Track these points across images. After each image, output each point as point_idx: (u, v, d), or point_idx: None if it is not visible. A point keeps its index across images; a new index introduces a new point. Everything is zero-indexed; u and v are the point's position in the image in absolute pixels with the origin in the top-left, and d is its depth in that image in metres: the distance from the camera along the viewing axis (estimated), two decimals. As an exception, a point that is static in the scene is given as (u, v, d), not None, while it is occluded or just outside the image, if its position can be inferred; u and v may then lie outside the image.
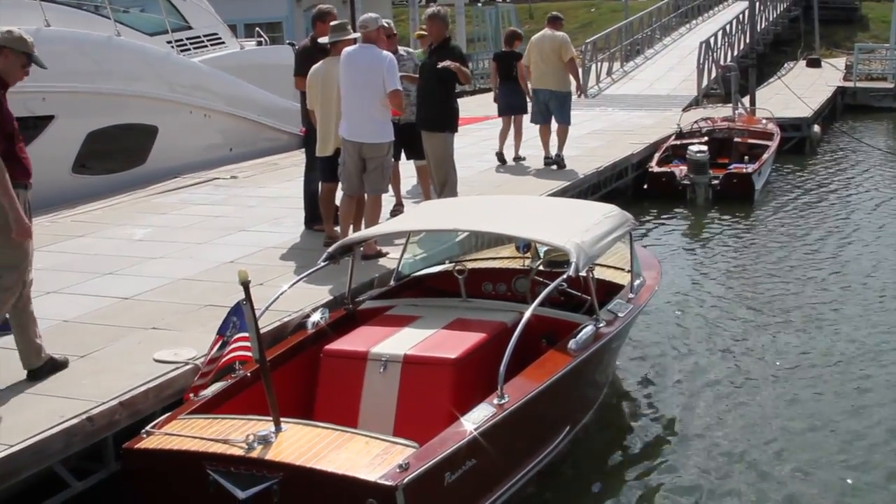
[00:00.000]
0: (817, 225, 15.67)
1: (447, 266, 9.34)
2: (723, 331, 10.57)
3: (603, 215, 8.49)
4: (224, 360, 6.12)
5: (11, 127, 6.95)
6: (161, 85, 16.28)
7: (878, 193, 18.27)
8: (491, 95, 18.71)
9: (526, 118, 17.27)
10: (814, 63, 35.91)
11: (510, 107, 17.37)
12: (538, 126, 16.97)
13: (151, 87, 16.01)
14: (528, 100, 17.21)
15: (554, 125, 16.94)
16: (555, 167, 16.34)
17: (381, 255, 10.32)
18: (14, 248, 6.90)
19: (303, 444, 5.72)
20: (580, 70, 18.20)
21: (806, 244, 14.41)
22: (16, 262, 6.97)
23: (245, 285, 5.66)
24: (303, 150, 12.53)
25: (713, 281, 12.67)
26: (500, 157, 17.04)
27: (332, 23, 10.84)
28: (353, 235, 9.31)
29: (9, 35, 7.01)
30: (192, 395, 6.53)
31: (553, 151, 16.68)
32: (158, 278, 9.68)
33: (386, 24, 11.28)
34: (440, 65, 11.40)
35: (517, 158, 17.12)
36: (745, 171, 17.27)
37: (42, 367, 7.18)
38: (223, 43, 19.80)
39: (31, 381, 7.09)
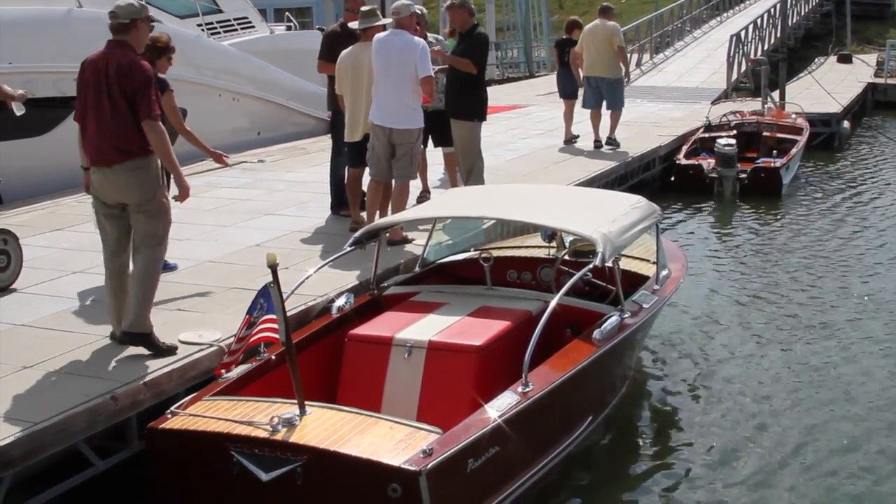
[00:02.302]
0: (845, 221, 15.56)
1: (472, 253, 9.34)
2: (747, 324, 10.53)
3: (630, 206, 8.46)
4: (251, 340, 6.12)
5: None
6: (190, 68, 16.29)
7: (907, 191, 18.16)
8: (520, 84, 18.93)
9: (578, 102, 17.98)
10: (845, 59, 35.64)
11: (564, 91, 18.24)
12: (589, 111, 17.55)
13: (181, 70, 15.96)
14: (579, 85, 17.86)
15: (606, 110, 17.59)
16: (607, 148, 17.16)
17: (406, 241, 10.31)
18: (165, 212, 7.36)
19: (327, 427, 5.72)
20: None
21: (833, 240, 14.31)
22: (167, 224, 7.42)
23: (273, 268, 5.67)
24: (330, 135, 12.53)
25: (738, 274, 12.61)
26: (571, 139, 17.88)
27: (363, 8, 10.84)
28: (379, 221, 9.31)
29: (131, 7, 7.28)
30: (223, 370, 6.54)
31: (604, 135, 17.40)
32: (184, 260, 9.70)
33: (419, 12, 11.27)
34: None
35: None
36: (773, 165, 17.16)
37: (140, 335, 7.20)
38: (253, 27, 19.83)
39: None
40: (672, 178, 17.64)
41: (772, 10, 33.73)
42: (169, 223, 7.43)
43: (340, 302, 7.87)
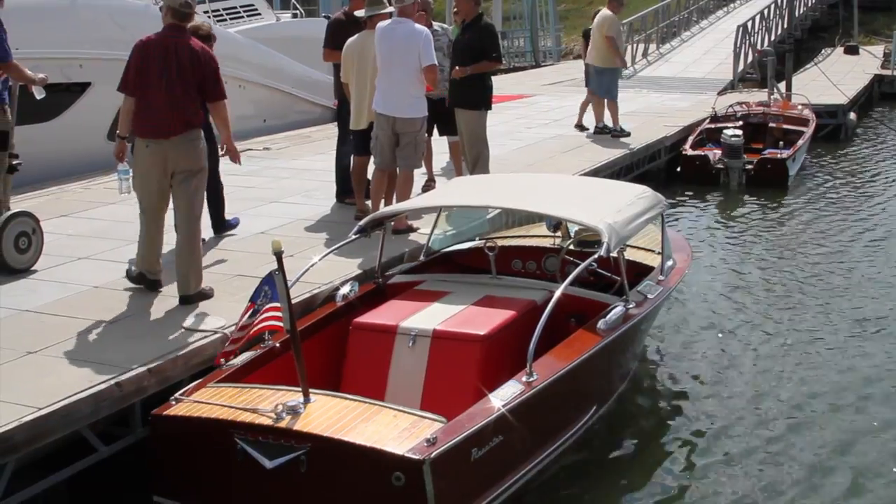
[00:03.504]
0: (851, 213, 15.53)
1: (477, 242, 9.33)
2: (752, 315, 10.51)
3: (636, 196, 8.45)
4: (255, 328, 6.13)
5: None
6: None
7: (913, 183, 18.12)
8: (526, 73, 19.02)
9: None
10: (851, 50, 35.51)
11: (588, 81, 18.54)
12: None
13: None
14: None
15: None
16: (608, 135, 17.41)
17: (411, 229, 10.31)
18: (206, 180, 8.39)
19: (331, 415, 5.73)
20: (622, 47, 18.63)
21: (839, 232, 14.28)
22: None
23: (278, 255, 5.67)
24: (335, 122, 12.52)
25: (743, 265, 12.60)
26: (581, 127, 18.20)
27: (368, -5, 10.80)
28: (384, 209, 9.30)
29: None
30: (222, 360, 6.56)
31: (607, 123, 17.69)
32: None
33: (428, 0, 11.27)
34: (453, 72, 11.42)
35: (599, 130, 17.84)
36: (779, 156, 17.14)
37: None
38: (259, 14, 19.81)
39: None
40: (678, 169, 17.62)
41: (779, 0, 33.64)
42: (205, 192, 8.45)
43: (345, 290, 7.88)
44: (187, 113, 8.02)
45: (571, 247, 8.83)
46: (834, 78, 25.55)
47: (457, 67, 11.50)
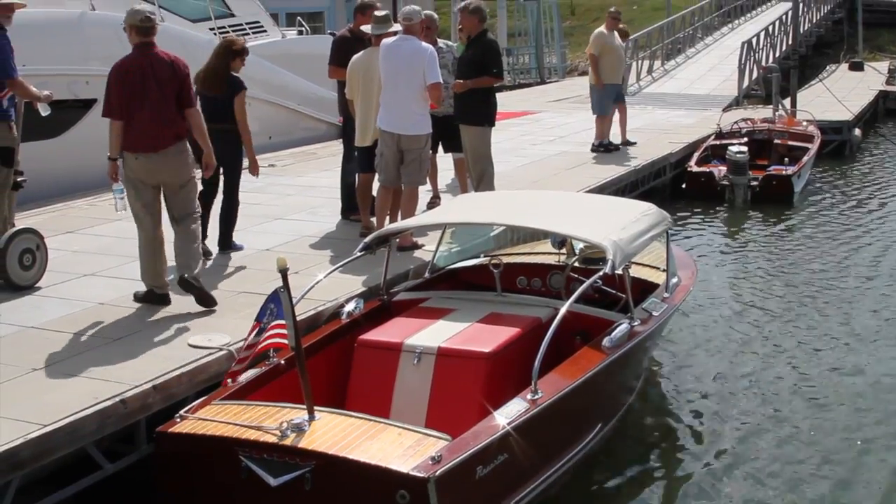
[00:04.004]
0: (856, 229, 15.52)
1: (482, 260, 9.33)
2: (757, 333, 10.50)
3: (641, 213, 8.45)
4: (260, 346, 6.13)
5: None
6: (202, 71, 16.30)
7: (919, 200, 18.10)
8: (531, 90, 19.13)
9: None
10: (856, 66, 35.50)
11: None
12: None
13: (192, 74, 16.06)
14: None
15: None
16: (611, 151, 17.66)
17: (416, 246, 10.32)
18: (196, 187, 8.79)
19: (336, 433, 5.73)
20: (621, 66, 18.67)
21: (844, 249, 14.27)
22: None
23: (283, 273, 5.68)
24: (340, 139, 12.54)
25: (749, 283, 12.58)
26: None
27: (377, 13, 10.82)
28: (389, 226, 9.31)
29: (152, 13, 8.69)
30: (229, 380, 6.55)
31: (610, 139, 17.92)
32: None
33: (434, 17, 11.28)
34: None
35: (625, 143, 18.10)
36: (785, 173, 17.14)
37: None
38: (265, 31, 19.84)
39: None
40: (683, 186, 17.61)
41: (783, 17, 33.69)
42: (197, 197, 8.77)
43: (350, 307, 7.87)
44: (174, 125, 8.36)
45: (576, 264, 8.84)
46: (839, 94, 25.54)
47: (458, 81, 11.53)
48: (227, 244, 10.35)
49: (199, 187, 9.00)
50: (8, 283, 8.82)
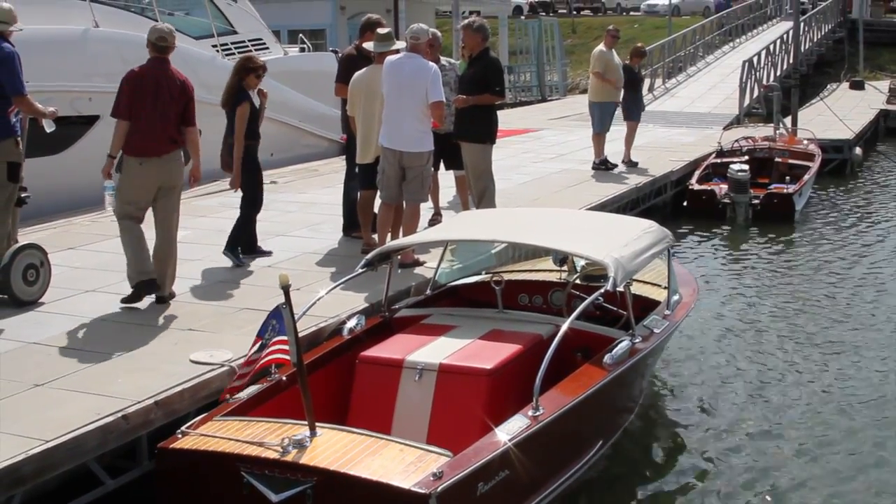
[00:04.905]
0: (857, 248, 15.54)
1: (484, 277, 9.35)
2: (758, 351, 10.50)
3: (642, 231, 8.47)
4: (262, 362, 6.14)
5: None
6: (205, 88, 16.30)
7: (919, 219, 18.12)
8: (532, 108, 19.14)
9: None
10: (857, 85, 35.61)
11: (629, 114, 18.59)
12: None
13: (195, 91, 16.10)
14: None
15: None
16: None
17: (418, 263, 10.33)
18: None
19: (337, 449, 5.73)
20: (619, 78, 18.64)
21: (846, 266, 14.29)
22: None
23: (285, 289, 5.70)
24: (342, 156, 12.55)
25: (750, 300, 12.59)
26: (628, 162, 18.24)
27: (379, 31, 10.84)
28: (391, 243, 9.32)
29: (172, 33, 9.24)
30: (227, 395, 6.55)
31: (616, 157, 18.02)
32: (196, 280, 9.74)
33: (438, 35, 11.32)
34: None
35: (627, 162, 18.17)
36: (786, 191, 17.17)
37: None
38: (267, 48, 19.89)
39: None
40: (684, 203, 17.64)
41: (784, 35, 33.77)
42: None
43: (352, 323, 7.89)
44: (174, 134, 9.06)
45: (578, 281, 8.85)
46: (839, 113, 25.60)
47: (459, 97, 11.55)
48: (231, 248, 10.55)
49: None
50: (12, 298, 8.85)
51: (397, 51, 10.55)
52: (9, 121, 8.88)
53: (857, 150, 23.25)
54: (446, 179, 13.14)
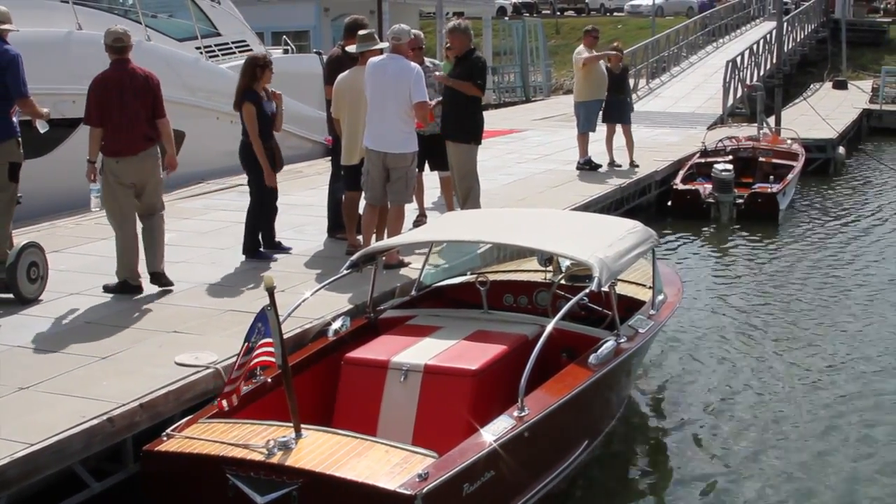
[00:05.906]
0: (841, 247, 15.60)
1: (469, 277, 9.35)
2: (743, 349, 10.54)
3: (627, 231, 8.48)
4: (249, 365, 6.12)
5: None
6: (188, 90, 16.32)
7: (901, 217, 18.20)
8: (516, 109, 19.09)
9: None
10: (840, 85, 35.75)
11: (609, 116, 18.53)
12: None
13: (179, 93, 16.05)
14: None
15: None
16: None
17: (403, 264, 10.33)
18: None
19: (323, 450, 5.73)
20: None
21: (829, 266, 14.35)
22: None
23: (270, 291, 5.70)
24: (327, 158, 12.54)
25: (735, 299, 12.63)
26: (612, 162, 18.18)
27: (360, 32, 10.84)
28: (376, 244, 9.32)
29: (127, 33, 9.52)
30: (224, 402, 6.25)
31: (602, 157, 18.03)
32: (181, 282, 9.71)
33: (421, 36, 11.30)
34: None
35: (611, 163, 18.13)
36: (769, 190, 17.22)
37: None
38: (251, 50, 19.83)
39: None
40: (669, 203, 17.67)
41: (768, 36, 33.86)
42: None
43: (337, 325, 7.88)
44: (147, 130, 9.33)
45: (563, 281, 8.85)
46: (823, 112, 25.70)
47: (439, 73, 11.69)
48: (250, 248, 10.79)
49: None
50: (17, 296, 9.00)
51: (380, 50, 10.55)
52: (11, 122, 9.00)
53: (841, 150, 23.34)
54: (431, 180, 13.15)
